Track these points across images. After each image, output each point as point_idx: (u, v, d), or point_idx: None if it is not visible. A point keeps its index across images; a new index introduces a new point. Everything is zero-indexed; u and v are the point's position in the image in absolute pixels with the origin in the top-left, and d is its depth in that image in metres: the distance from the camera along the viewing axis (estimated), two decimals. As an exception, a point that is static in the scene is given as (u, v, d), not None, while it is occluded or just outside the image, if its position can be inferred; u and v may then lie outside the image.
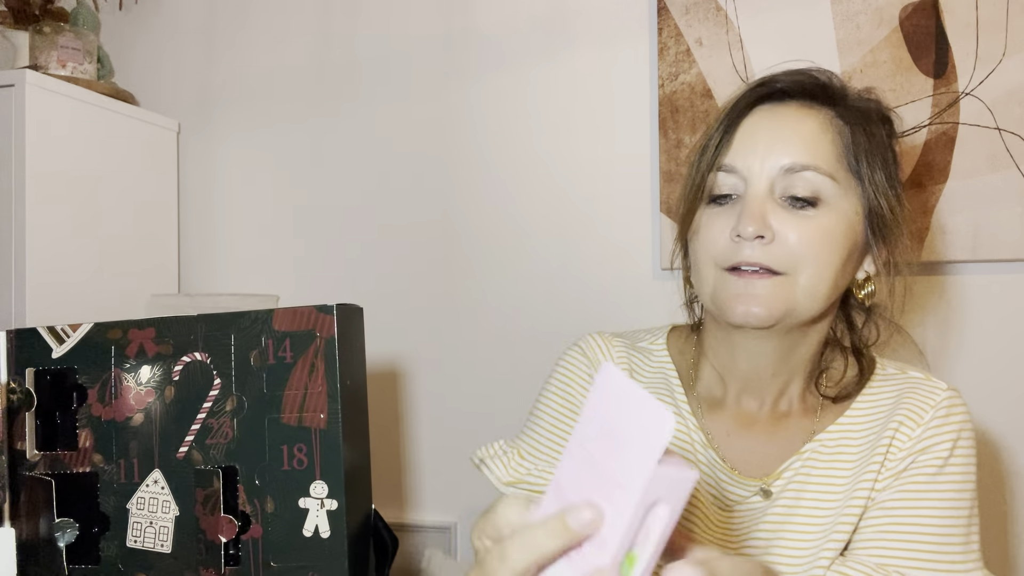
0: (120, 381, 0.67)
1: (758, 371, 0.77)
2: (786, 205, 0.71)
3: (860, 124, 0.73)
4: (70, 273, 1.35)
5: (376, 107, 1.50)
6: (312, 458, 0.61)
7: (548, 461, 0.79)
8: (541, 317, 1.40)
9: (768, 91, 0.74)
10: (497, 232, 1.43)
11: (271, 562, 0.62)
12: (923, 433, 0.71)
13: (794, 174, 0.70)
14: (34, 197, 1.28)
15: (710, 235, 0.73)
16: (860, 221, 0.73)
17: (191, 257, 1.63)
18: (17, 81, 1.26)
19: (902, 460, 0.71)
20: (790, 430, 0.77)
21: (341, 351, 0.61)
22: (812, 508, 0.73)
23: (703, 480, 0.77)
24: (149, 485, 0.66)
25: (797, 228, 0.70)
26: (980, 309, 1.19)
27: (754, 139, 0.72)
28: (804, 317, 0.72)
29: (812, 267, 0.70)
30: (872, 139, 0.73)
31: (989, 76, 1.16)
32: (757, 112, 0.74)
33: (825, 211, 0.70)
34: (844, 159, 0.72)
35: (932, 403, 0.73)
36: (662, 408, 0.39)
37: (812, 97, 0.74)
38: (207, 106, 1.62)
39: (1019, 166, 1.15)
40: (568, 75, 1.39)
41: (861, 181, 0.72)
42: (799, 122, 0.72)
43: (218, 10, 1.62)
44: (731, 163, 0.73)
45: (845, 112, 0.74)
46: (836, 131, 0.72)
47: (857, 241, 0.73)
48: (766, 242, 0.69)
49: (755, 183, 0.71)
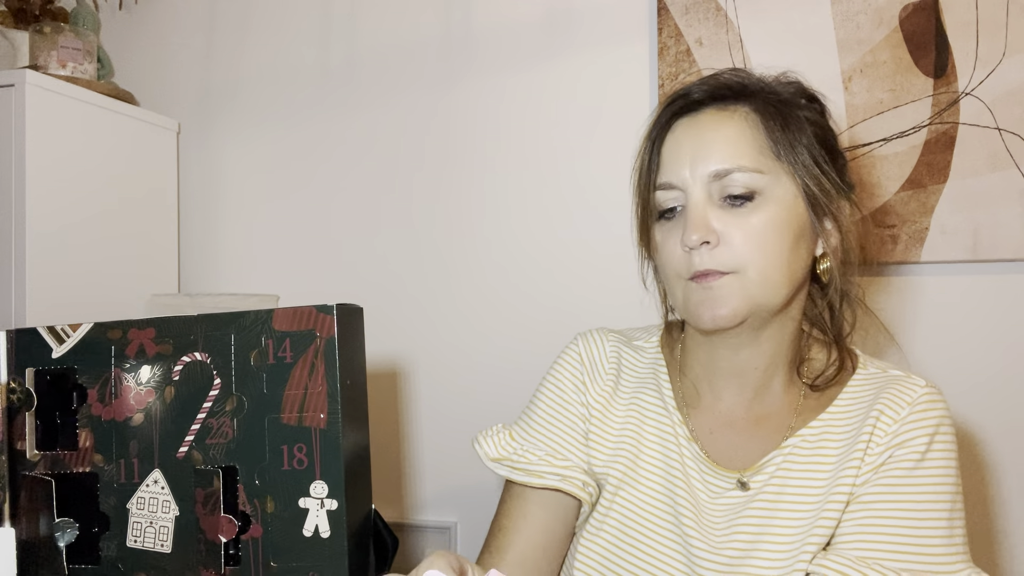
0: (120, 381, 0.67)
1: (739, 368, 0.80)
2: (726, 205, 0.74)
3: (776, 113, 0.76)
4: (70, 273, 1.35)
5: (376, 107, 1.50)
6: (312, 458, 0.61)
7: (534, 444, 0.84)
8: (541, 317, 1.40)
9: (684, 104, 0.78)
10: (497, 232, 1.43)
11: (271, 562, 0.62)
12: (900, 428, 0.73)
13: (724, 177, 0.74)
14: (34, 197, 1.28)
15: (667, 249, 0.77)
16: (800, 202, 0.75)
17: (191, 257, 1.63)
18: (17, 81, 1.26)
19: (880, 455, 0.73)
20: (771, 427, 0.79)
21: (341, 351, 0.61)
22: (794, 503, 0.75)
23: (688, 468, 0.79)
24: (149, 485, 0.66)
25: (740, 224, 0.73)
26: (980, 309, 1.19)
27: (680, 153, 0.76)
28: (770, 308, 0.75)
29: (760, 259, 0.73)
30: (791, 123, 0.75)
31: (989, 76, 1.16)
32: (678, 126, 0.78)
33: (763, 202, 0.74)
34: (767, 150, 0.74)
35: (910, 399, 0.74)
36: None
37: (725, 99, 0.77)
38: (207, 106, 1.62)
39: (1019, 166, 1.15)
40: (568, 75, 1.39)
41: (790, 165, 0.75)
42: (717, 127, 0.75)
43: (218, 10, 1.62)
44: (666, 180, 0.77)
45: (760, 105, 0.76)
46: (753, 126, 0.75)
47: (802, 223, 0.75)
48: (712, 246, 0.73)
49: (692, 193, 0.75)
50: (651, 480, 0.80)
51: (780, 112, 0.76)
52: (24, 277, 1.26)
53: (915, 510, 0.71)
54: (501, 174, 1.43)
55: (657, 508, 0.79)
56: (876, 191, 1.21)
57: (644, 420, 0.83)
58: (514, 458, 0.83)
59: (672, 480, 0.79)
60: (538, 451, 0.84)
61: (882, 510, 0.71)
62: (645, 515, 0.80)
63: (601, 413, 0.84)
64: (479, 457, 0.86)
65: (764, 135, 0.75)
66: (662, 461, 0.81)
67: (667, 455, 0.81)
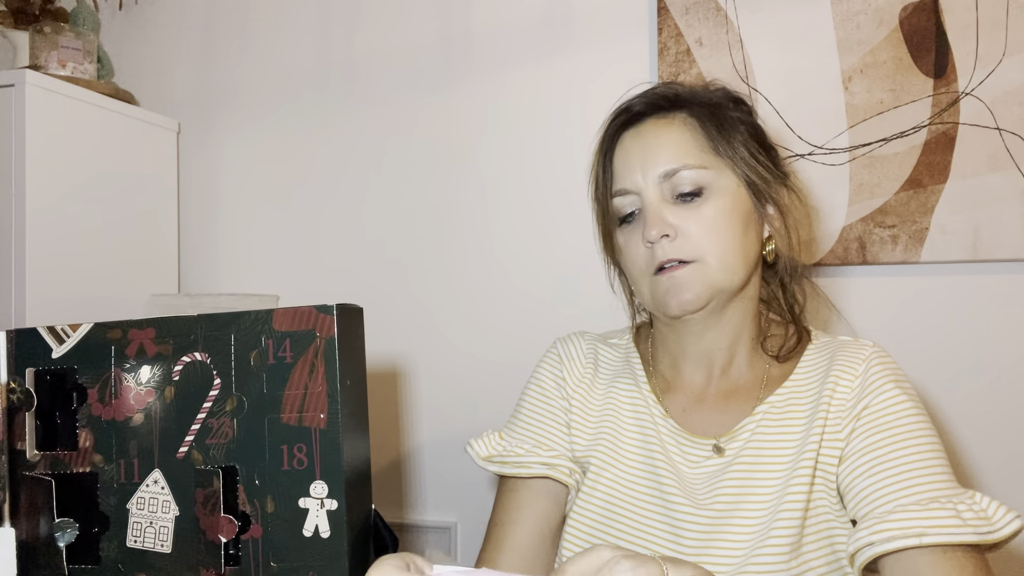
0: (120, 381, 0.67)
1: (705, 349, 0.86)
2: (678, 202, 0.82)
3: (710, 115, 0.84)
4: (70, 273, 1.35)
5: (376, 107, 1.50)
6: (312, 458, 0.61)
7: (522, 440, 0.90)
8: (541, 316, 1.40)
9: (627, 117, 0.86)
10: (498, 232, 1.43)
11: (271, 562, 0.62)
12: (864, 381, 0.79)
13: (673, 176, 0.81)
14: (34, 197, 1.28)
15: (630, 249, 0.84)
16: (743, 191, 0.83)
17: (191, 257, 1.63)
18: (17, 81, 1.27)
19: (849, 410, 0.78)
20: (741, 399, 0.85)
21: (341, 351, 0.61)
22: (769, 463, 0.80)
23: (666, 442, 0.84)
24: (149, 485, 0.66)
25: (694, 218, 0.80)
26: (980, 309, 1.19)
27: (630, 160, 0.84)
28: (729, 290, 0.82)
29: (717, 246, 0.80)
30: (724, 123, 0.84)
31: (989, 76, 1.16)
32: (625, 137, 0.85)
33: (710, 195, 0.81)
34: (708, 149, 0.82)
35: (863, 355, 0.81)
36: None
37: (663, 109, 0.85)
38: (207, 106, 1.62)
39: (1019, 166, 1.15)
40: (568, 75, 1.39)
41: (730, 160, 0.82)
42: (660, 133, 0.83)
43: (218, 10, 1.62)
44: (621, 187, 0.84)
45: (695, 111, 0.84)
46: (692, 128, 0.83)
47: (747, 210, 0.83)
48: (672, 239, 0.80)
49: (647, 195, 0.82)
50: (631, 459, 0.86)
51: (714, 114, 0.84)
52: (24, 277, 1.26)
53: (909, 440, 0.75)
54: (501, 174, 1.43)
55: (639, 483, 0.84)
56: (876, 191, 1.21)
57: (621, 406, 0.89)
58: (504, 454, 0.89)
59: (652, 456, 0.85)
60: (525, 445, 0.89)
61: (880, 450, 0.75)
62: (627, 490, 0.84)
63: (581, 403, 0.90)
64: (472, 459, 0.92)
65: (703, 136, 0.82)
66: (640, 441, 0.86)
67: (645, 434, 0.86)
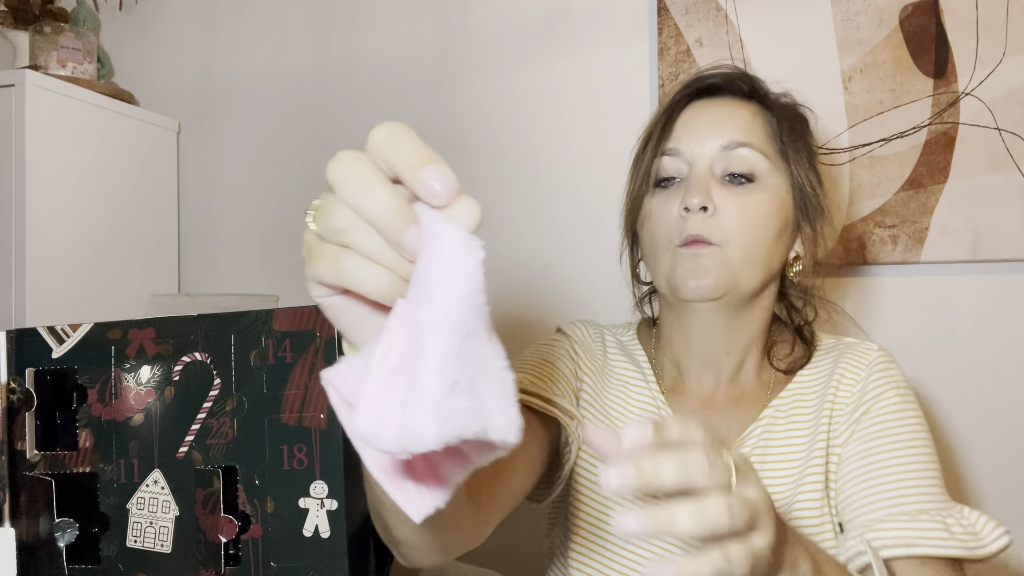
0: (120, 381, 0.67)
1: (712, 348, 0.83)
2: (725, 182, 0.79)
3: (783, 116, 0.82)
4: (70, 273, 1.35)
5: (375, 107, 1.50)
6: (312, 458, 0.61)
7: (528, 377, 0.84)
8: (541, 316, 1.40)
9: (703, 85, 0.83)
10: (497, 232, 1.43)
11: (271, 562, 0.62)
12: (866, 386, 0.78)
13: (731, 151, 0.78)
14: (34, 197, 1.28)
15: (661, 214, 0.80)
16: (789, 200, 0.81)
17: (191, 257, 1.63)
18: (17, 81, 1.26)
19: (850, 414, 0.77)
20: (747, 405, 0.83)
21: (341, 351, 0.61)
22: (778, 465, 0.79)
23: None
24: (149, 485, 0.66)
25: (736, 201, 0.77)
26: (980, 309, 1.19)
27: (694, 125, 0.81)
28: (745, 289, 0.79)
29: (746, 236, 0.77)
30: (795, 128, 0.83)
31: (989, 76, 1.16)
32: (695, 105, 0.83)
33: (760, 187, 0.79)
34: (773, 141, 0.80)
35: (867, 361, 0.80)
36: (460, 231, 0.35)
37: (741, 92, 0.83)
38: (207, 106, 1.62)
39: (1019, 166, 1.15)
40: (568, 75, 1.39)
41: (788, 163, 0.80)
42: (733, 110, 0.81)
43: (218, 10, 1.62)
44: (674, 147, 0.81)
45: (770, 105, 0.83)
46: (764, 119, 0.82)
47: (788, 218, 0.81)
48: (709, 214, 0.77)
49: (697, 163, 0.79)
50: None
51: (786, 117, 0.82)
52: (24, 277, 1.26)
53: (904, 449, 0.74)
54: (501, 174, 1.43)
55: None
56: (876, 191, 1.21)
57: (630, 401, 0.86)
58: None
59: None
60: (529, 377, 0.81)
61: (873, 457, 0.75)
62: None
63: (591, 385, 0.85)
64: None
65: (771, 131, 0.80)
66: None
67: None
